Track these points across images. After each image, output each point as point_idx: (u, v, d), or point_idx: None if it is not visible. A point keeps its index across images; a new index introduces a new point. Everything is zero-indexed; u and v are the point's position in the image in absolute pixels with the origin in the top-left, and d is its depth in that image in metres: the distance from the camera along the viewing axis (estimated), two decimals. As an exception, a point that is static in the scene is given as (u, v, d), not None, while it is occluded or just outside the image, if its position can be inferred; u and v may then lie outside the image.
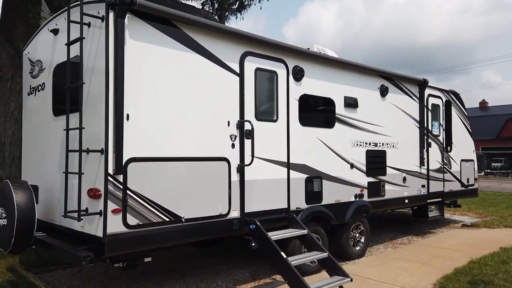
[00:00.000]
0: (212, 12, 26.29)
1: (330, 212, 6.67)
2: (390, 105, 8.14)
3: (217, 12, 27.12)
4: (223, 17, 26.49)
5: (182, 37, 4.86)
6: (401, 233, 9.63)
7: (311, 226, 6.41)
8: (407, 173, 8.50)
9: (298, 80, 6.29)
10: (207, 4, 26.63)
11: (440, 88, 9.82)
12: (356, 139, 7.33)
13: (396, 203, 8.27)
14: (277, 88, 5.96)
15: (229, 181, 5.30)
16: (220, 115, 5.25)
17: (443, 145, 9.75)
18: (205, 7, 25.82)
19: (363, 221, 7.47)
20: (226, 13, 26.58)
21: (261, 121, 5.73)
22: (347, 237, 7.12)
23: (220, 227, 5.19)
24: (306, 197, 6.36)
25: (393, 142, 8.17)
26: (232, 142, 5.36)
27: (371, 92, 7.71)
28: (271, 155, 5.84)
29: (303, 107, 6.37)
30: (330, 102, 6.84)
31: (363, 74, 7.52)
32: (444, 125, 9.88)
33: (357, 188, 7.30)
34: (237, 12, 27.79)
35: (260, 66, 5.74)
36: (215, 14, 26.63)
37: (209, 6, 26.79)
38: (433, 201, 9.40)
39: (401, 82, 8.44)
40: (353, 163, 7.23)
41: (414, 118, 8.78)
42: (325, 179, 6.68)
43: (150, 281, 6.06)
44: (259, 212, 5.65)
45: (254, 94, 5.65)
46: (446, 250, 7.78)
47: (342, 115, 7.05)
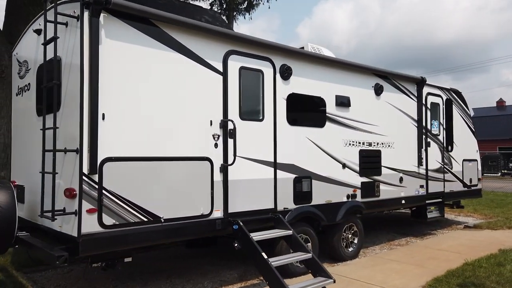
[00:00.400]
0: (220, 12, 26.38)
1: (320, 213, 6.58)
2: (386, 104, 8.01)
3: (225, 12, 27.19)
4: (231, 17, 26.58)
5: (161, 36, 4.84)
6: (400, 234, 9.48)
7: (300, 226, 6.34)
8: (404, 173, 8.35)
9: (285, 79, 6.21)
10: (215, 4, 26.72)
11: (440, 87, 9.64)
12: (349, 139, 7.23)
13: (392, 204, 8.14)
14: (263, 87, 5.90)
15: (212, 181, 5.26)
16: (202, 114, 5.21)
17: (443, 144, 9.57)
18: (213, 7, 25.92)
19: (356, 221, 7.35)
20: (234, 13, 26.63)
21: (246, 121, 5.67)
22: (338, 238, 7.02)
23: (202, 227, 5.15)
24: (295, 197, 6.28)
25: (388, 141, 8.03)
26: (215, 141, 5.32)
27: (365, 91, 7.59)
28: (256, 155, 5.78)
29: (291, 106, 6.30)
30: (321, 101, 6.75)
31: (356, 73, 7.41)
32: (445, 124, 9.69)
33: (350, 188, 7.19)
34: (245, 12, 27.83)
35: (245, 65, 5.68)
36: (223, 14, 26.74)
37: (218, 6, 26.87)
38: (432, 202, 9.23)
39: (397, 80, 8.30)
40: (345, 163, 7.12)
41: (411, 117, 8.63)
42: (315, 179, 6.59)
43: (137, 281, 6.05)
44: (244, 212, 5.59)
45: (239, 93, 5.60)
46: (443, 252, 7.62)
47: (333, 114, 6.95)
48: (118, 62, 4.46)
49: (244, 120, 5.64)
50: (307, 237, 6.45)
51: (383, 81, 7.96)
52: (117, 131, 4.43)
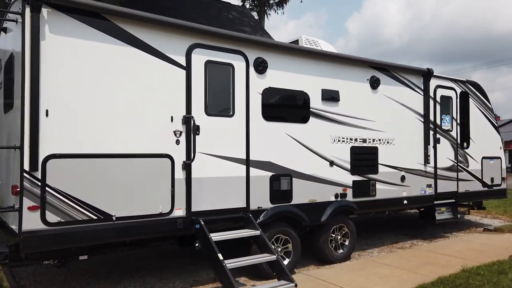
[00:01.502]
0: (251, 8, 26.21)
1: (302, 213, 6.26)
2: (384, 98, 7.52)
3: (256, 8, 26.99)
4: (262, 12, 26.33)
5: (114, 31, 4.74)
6: (408, 236, 8.91)
7: (279, 227, 6.07)
8: (407, 172, 7.81)
9: (260, 73, 5.94)
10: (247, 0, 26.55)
11: (453, 79, 8.95)
12: (338, 135, 6.83)
13: (392, 204, 7.63)
14: (233, 81, 5.67)
15: (172, 179, 5.11)
16: (161, 110, 5.06)
17: (456, 141, 8.87)
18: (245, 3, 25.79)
19: (347, 222, 6.95)
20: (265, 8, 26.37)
21: (213, 116, 5.47)
22: (325, 239, 6.65)
23: (161, 227, 5.01)
24: (272, 196, 6.00)
25: (387, 138, 7.53)
26: (176, 138, 5.16)
27: (358, 84, 7.15)
28: (225, 152, 5.56)
29: (268, 101, 6.02)
30: (303, 95, 6.42)
31: (347, 65, 6.99)
32: (459, 119, 8.99)
33: (339, 187, 6.80)
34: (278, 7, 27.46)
35: (212, 59, 5.48)
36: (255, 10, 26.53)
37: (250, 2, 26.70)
38: (442, 203, 8.59)
39: (398, 73, 7.77)
40: (333, 161, 6.74)
41: (416, 112, 8.06)
42: (296, 178, 6.28)
43: (112, 278, 6.02)
44: (210, 211, 5.40)
45: (204, 88, 5.40)
46: (445, 257, 7.04)
47: (318, 109, 6.59)
48: (64, 58, 4.41)
49: (210, 116, 5.44)
50: (287, 238, 6.15)
51: (380, 73, 7.46)
52: (63, 127, 4.38)
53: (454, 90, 8.91)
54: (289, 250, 6.18)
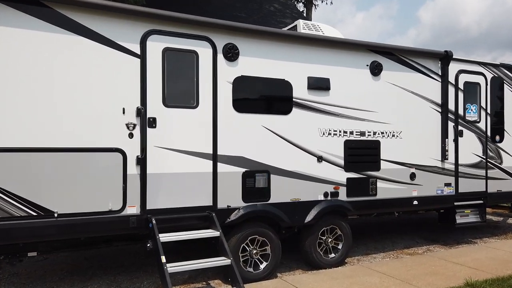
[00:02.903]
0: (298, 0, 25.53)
1: (280, 213, 5.72)
2: (388, 86, 6.70)
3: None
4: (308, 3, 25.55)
5: (54, 18, 4.52)
6: (426, 240, 7.98)
7: (254, 227, 5.60)
8: (418, 168, 6.94)
9: (231, 60, 5.48)
10: (292, -9, 25.90)
11: (482, 62, 7.83)
12: (328, 127, 6.17)
13: (398, 205, 6.81)
14: (197, 69, 5.26)
15: (124, 175, 4.83)
16: (112, 102, 4.79)
17: (485, 134, 7.78)
18: (292, -7, 25.15)
19: (339, 224, 6.29)
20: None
21: (172, 108, 5.10)
22: (312, 242, 6.06)
23: (111, 224, 4.75)
24: (244, 194, 5.54)
25: (392, 130, 6.72)
26: (129, 131, 4.87)
27: (355, 70, 6.42)
28: (188, 146, 5.19)
29: (240, 90, 5.54)
30: (284, 84, 5.85)
31: (340, 50, 6.29)
32: (489, 108, 7.87)
33: (328, 186, 6.15)
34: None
35: (171, 46, 5.11)
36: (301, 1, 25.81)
37: (297, -8, 26.01)
38: (466, 204, 7.57)
39: (406, 56, 6.89)
40: (321, 156, 6.11)
41: (431, 101, 7.13)
42: (275, 174, 5.75)
43: (86, 275, 5.91)
44: (170, 209, 5.06)
45: (162, 78, 5.05)
46: (456, 266, 6.15)
47: (303, 99, 5.98)
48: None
49: (169, 108, 5.08)
50: (264, 240, 5.66)
51: (383, 58, 6.66)
52: (-3, 120, 4.24)
53: (483, 76, 7.80)
54: (267, 252, 5.69)
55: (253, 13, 16.42)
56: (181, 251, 6.10)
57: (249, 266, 5.58)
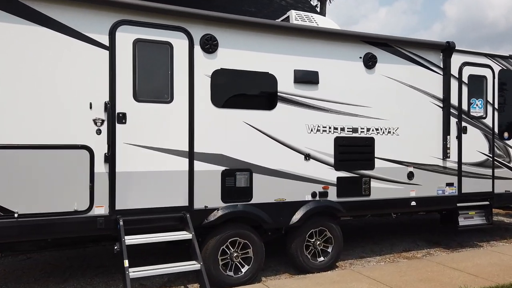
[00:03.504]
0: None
1: (263, 214, 5.40)
2: (384, 79, 6.29)
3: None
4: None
5: (16, 8, 4.29)
6: (429, 243, 7.53)
7: (234, 229, 5.30)
8: (417, 167, 6.52)
9: (209, 52, 5.17)
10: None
11: (489, 54, 7.33)
12: (317, 124, 5.81)
13: (393, 206, 6.40)
14: (171, 62, 4.97)
15: (92, 173, 4.58)
16: (78, 96, 4.54)
17: (492, 130, 7.28)
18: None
19: (329, 226, 5.92)
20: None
21: (144, 103, 4.83)
22: (298, 245, 5.72)
23: (76, 225, 4.52)
24: (224, 194, 5.23)
25: (388, 126, 6.32)
26: (97, 127, 4.62)
27: (347, 63, 6.04)
28: (161, 143, 4.91)
29: (219, 84, 5.23)
30: (268, 78, 5.51)
31: (330, 41, 5.92)
32: (497, 103, 7.37)
33: (317, 185, 5.80)
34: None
35: (143, 37, 4.83)
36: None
37: (308, -14, 25.50)
38: (470, 205, 7.11)
39: (404, 48, 6.46)
40: (309, 154, 5.75)
41: (432, 95, 6.68)
42: (258, 173, 5.43)
43: (63, 276, 5.71)
44: (141, 210, 4.79)
45: (133, 71, 4.78)
46: (454, 272, 5.72)
47: (289, 94, 5.64)
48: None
49: (141, 102, 4.81)
50: (246, 242, 5.36)
51: (378, 49, 6.25)
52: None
53: (490, 68, 7.29)
54: (249, 256, 5.39)
55: (263, 8, 16.06)
56: (171, 252, 5.87)
57: (229, 270, 5.28)
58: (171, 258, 5.67)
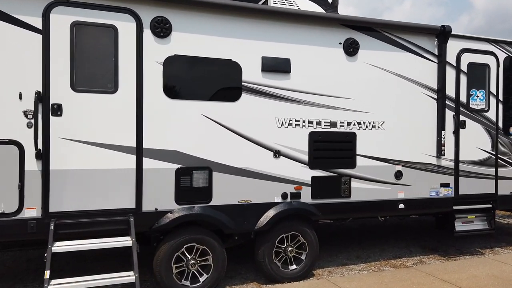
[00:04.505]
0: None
1: (223, 216, 4.85)
2: (368, 68, 5.64)
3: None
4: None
5: None
6: (425, 249, 6.84)
7: (190, 234, 4.77)
8: (406, 166, 5.85)
9: (161, 37, 4.63)
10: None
11: (491, 39, 6.56)
12: (288, 117, 5.22)
13: (378, 209, 5.75)
14: (116, 48, 4.44)
15: (21, 171, 4.11)
16: (4, 85, 4.07)
17: (496, 125, 6.52)
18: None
19: (302, 231, 5.33)
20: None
21: (83, 93, 4.33)
22: (267, 252, 5.15)
23: (3, 229, 4.06)
24: (178, 194, 4.70)
25: (373, 120, 5.66)
26: (28, 120, 4.14)
27: (324, 49, 5.41)
28: (104, 138, 4.40)
29: (173, 73, 4.69)
30: (231, 65, 4.94)
31: (305, 25, 5.30)
32: (501, 95, 6.60)
33: (288, 185, 5.21)
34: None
35: (82, 20, 4.32)
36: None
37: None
38: (469, 208, 6.39)
39: (391, 33, 5.78)
40: (279, 150, 5.16)
41: (425, 86, 5.99)
42: (219, 171, 4.87)
43: (15, 279, 5.30)
44: (79, 212, 4.30)
45: (71, 57, 4.28)
46: (444, 285, 5.06)
47: (256, 84, 5.05)
48: None
49: (79, 92, 4.31)
50: (204, 248, 4.82)
51: (362, 34, 5.59)
52: None
53: (494, 55, 6.52)
54: (208, 263, 4.85)
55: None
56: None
57: (185, 279, 4.76)
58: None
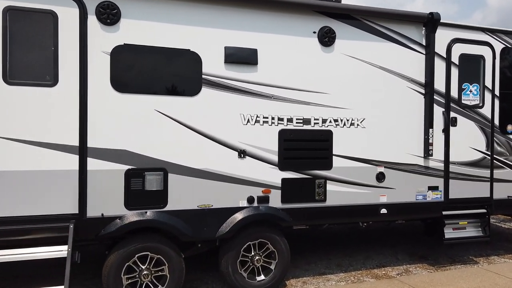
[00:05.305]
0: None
1: (180, 223, 4.40)
2: (346, 60, 5.14)
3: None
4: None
5: None
6: (413, 257, 6.32)
7: (143, 241, 4.34)
8: (389, 167, 5.35)
9: (108, 24, 4.19)
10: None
11: (487, 28, 6.00)
12: (255, 113, 4.75)
13: (357, 214, 5.25)
14: (56, 36, 4.01)
15: None
16: None
17: (491, 122, 5.98)
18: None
19: (271, 238, 4.86)
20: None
21: (18, 86, 3.90)
22: (230, 261, 4.69)
23: None
24: (128, 198, 4.27)
25: (351, 117, 5.17)
26: (-47, 116, 3.74)
27: (296, 39, 4.92)
28: (41, 136, 3.97)
29: (122, 64, 4.25)
30: (189, 56, 4.48)
31: (273, 12, 4.82)
32: (498, 89, 6.04)
33: (255, 188, 4.74)
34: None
35: (16, 4, 3.89)
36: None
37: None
38: (460, 213, 5.86)
39: (373, 21, 5.27)
40: (245, 150, 4.70)
41: (411, 79, 5.47)
42: (175, 173, 4.43)
43: None
44: (13, 218, 3.89)
45: (3, 47, 3.84)
46: (426, 300, 4.56)
47: (218, 76, 4.59)
48: None
49: (12, 85, 3.88)
50: (159, 257, 4.38)
51: (339, 23, 5.09)
52: None
53: (490, 46, 5.97)
54: (164, 274, 4.41)
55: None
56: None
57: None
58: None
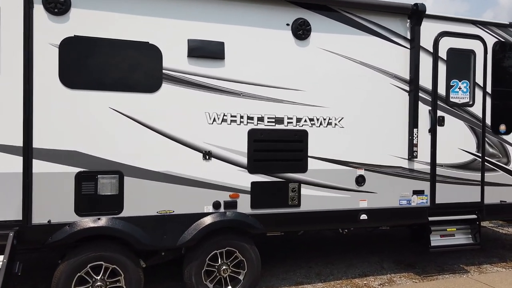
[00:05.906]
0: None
1: (137, 230, 4.06)
2: (323, 54, 4.78)
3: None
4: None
5: None
6: (400, 265, 5.93)
7: (97, 250, 4.01)
8: (369, 169, 4.98)
9: (57, 14, 3.85)
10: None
11: (478, 21, 5.62)
12: (222, 111, 4.40)
13: (335, 220, 4.89)
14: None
15: None
16: None
17: (482, 122, 5.59)
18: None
19: (240, 246, 4.51)
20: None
21: (-46, 81, 3.59)
22: (194, 271, 4.35)
23: None
24: (79, 204, 3.93)
25: (328, 116, 4.81)
26: None
27: (267, 32, 4.57)
28: (-19, 135, 3.65)
29: (72, 58, 3.91)
30: (148, 49, 4.14)
31: (243, 2, 4.46)
32: (490, 87, 5.66)
33: (221, 192, 4.39)
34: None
35: (-48, -8, 3.58)
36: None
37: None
38: (448, 219, 5.48)
39: (354, 13, 4.91)
40: (211, 151, 4.35)
41: (394, 76, 5.10)
42: (132, 176, 4.09)
43: None
44: (-51, 225, 3.57)
45: None
46: (406, 315, 4.19)
47: (180, 71, 4.24)
48: None
49: None
50: (115, 268, 4.04)
51: (315, 14, 4.73)
52: None
53: (482, 40, 5.58)
54: (119, 285, 4.08)
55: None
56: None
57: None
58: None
